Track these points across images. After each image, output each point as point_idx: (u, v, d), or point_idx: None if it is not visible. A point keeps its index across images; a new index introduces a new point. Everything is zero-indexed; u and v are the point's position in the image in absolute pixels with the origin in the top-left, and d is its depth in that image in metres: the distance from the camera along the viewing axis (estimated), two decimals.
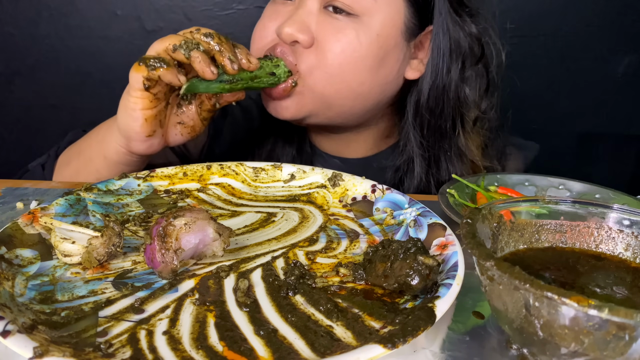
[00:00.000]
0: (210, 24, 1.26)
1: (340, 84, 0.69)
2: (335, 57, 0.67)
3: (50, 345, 0.30)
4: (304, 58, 0.67)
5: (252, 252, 0.47)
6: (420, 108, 0.74)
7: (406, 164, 0.77)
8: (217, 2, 1.25)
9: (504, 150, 0.84)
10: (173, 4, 1.24)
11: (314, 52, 0.67)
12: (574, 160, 1.38)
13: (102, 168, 0.66)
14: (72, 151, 0.72)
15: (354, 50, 0.67)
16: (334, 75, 0.68)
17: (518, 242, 0.42)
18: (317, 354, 0.33)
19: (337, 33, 0.66)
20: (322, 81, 0.68)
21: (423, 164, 0.76)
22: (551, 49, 1.27)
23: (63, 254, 0.43)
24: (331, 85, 0.68)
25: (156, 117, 0.60)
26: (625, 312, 0.27)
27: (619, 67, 1.29)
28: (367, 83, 0.70)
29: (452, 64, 0.72)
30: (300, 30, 0.66)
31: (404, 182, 0.78)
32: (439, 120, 0.74)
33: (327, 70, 0.67)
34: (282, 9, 0.70)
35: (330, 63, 0.67)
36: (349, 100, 0.71)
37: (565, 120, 1.33)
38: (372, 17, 0.67)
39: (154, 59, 0.55)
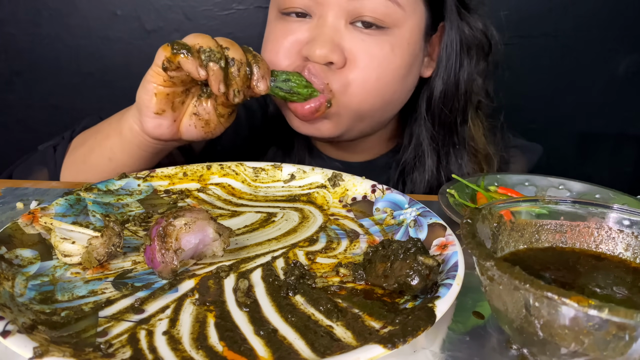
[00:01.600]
0: (210, 24, 1.26)
1: (376, 97, 0.67)
2: (372, 72, 0.65)
3: (50, 345, 0.30)
4: (336, 77, 0.65)
5: (252, 252, 0.47)
6: (433, 103, 0.74)
7: (416, 160, 0.77)
8: (217, 2, 1.25)
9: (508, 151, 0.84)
10: (173, 4, 1.24)
11: (348, 69, 0.65)
12: (574, 160, 1.38)
13: (115, 146, 0.65)
14: (89, 132, 0.71)
15: (389, 62, 0.66)
16: (370, 90, 0.66)
17: (518, 242, 0.42)
18: (317, 354, 0.33)
19: (370, 47, 0.65)
20: (358, 98, 0.66)
21: (434, 157, 0.76)
22: (551, 49, 1.27)
23: (63, 254, 0.43)
24: (367, 100, 0.67)
25: (167, 97, 0.59)
26: (625, 312, 0.27)
27: (619, 67, 1.29)
28: (398, 91, 0.70)
29: (463, 58, 0.72)
30: (333, 51, 0.63)
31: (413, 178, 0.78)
32: (451, 114, 0.74)
33: (364, 86, 0.66)
34: (296, 26, 0.67)
35: (367, 79, 0.65)
36: (381, 111, 0.71)
37: (565, 120, 1.33)
38: (401, 27, 0.66)
39: (181, 45, 0.56)
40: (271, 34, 0.70)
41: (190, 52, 0.55)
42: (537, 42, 1.26)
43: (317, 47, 0.63)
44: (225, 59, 0.56)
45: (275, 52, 0.67)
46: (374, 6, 0.63)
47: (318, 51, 0.63)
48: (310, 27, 0.66)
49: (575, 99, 1.31)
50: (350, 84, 0.65)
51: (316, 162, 0.81)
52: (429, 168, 0.76)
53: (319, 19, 0.65)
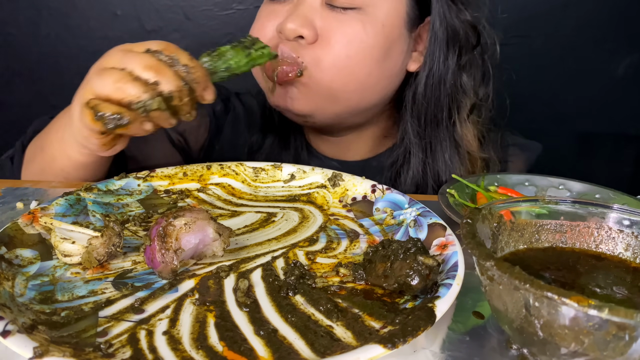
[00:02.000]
0: (210, 24, 1.26)
1: (348, 76, 0.68)
2: (342, 49, 0.66)
3: (50, 345, 0.30)
4: (308, 52, 0.66)
5: (252, 252, 0.47)
6: (418, 97, 0.74)
7: (402, 155, 0.77)
8: (217, 2, 1.25)
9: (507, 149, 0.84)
10: (173, 4, 1.24)
11: (319, 45, 0.66)
12: (574, 160, 1.38)
13: (67, 167, 0.62)
14: (36, 145, 0.68)
15: (360, 41, 0.66)
16: (342, 68, 0.67)
17: (518, 242, 0.42)
18: (317, 354, 0.33)
19: (343, 25, 0.66)
20: (329, 73, 0.67)
21: (419, 154, 0.76)
22: (551, 49, 1.27)
23: (63, 254, 0.43)
24: (339, 78, 0.67)
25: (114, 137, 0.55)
26: (625, 312, 0.27)
27: (619, 67, 1.29)
28: (374, 74, 0.70)
29: (448, 52, 0.72)
30: (303, 25, 0.65)
31: (400, 175, 0.77)
32: (436, 109, 0.74)
33: (334, 63, 0.66)
34: (279, 8, 0.69)
35: (337, 55, 0.66)
36: (356, 93, 0.71)
37: (565, 120, 1.33)
38: (376, 7, 0.67)
39: (112, 117, 0.49)
40: (258, 16, 0.73)
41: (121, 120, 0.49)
42: (537, 42, 1.26)
43: (289, 22, 0.65)
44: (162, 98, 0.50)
45: (257, 31, 0.70)
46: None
47: (289, 25, 0.65)
48: (290, 8, 0.68)
49: (575, 99, 1.31)
50: (321, 60, 0.66)
51: (313, 162, 0.81)
52: (414, 166, 0.76)
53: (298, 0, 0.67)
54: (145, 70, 0.50)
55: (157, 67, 0.50)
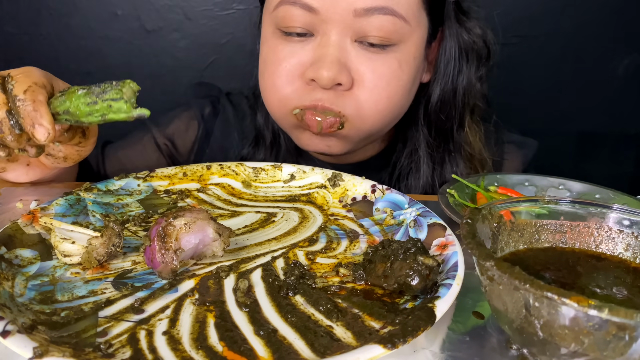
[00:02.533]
0: (210, 24, 1.26)
1: (388, 115, 0.66)
2: (383, 92, 0.63)
3: (50, 345, 0.30)
4: (347, 101, 0.63)
5: (252, 252, 0.47)
6: (430, 109, 0.73)
7: (411, 165, 0.76)
8: (217, 2, 1.25)
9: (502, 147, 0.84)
10: (173, 4, 1.24)
11: (358, 91, 0.63)
12: (574, 160, 1.38)
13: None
14: None
15: (398, 79, 0.64)
16: (382, 110, 0.65)
17: (518, 242, 0.42)
18: (317, 354, 0.33)
19: (379, 67, 0.62)
20: (371, 120, 0.65)
21: (430, 164, 0.75)
22: (551, 49, 1.27)
23: (63, 254, 0.43)
24: (379, 120, 0.66)
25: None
26: (625, 312, 0.27)
27: (619, 67, 1.29)
28: (405, 104, 0.69)
29: (463, 64, 0.71)
30: (341, 71, 0.60)
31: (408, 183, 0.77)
32: (448, 120, 0.73)
33: (377, 108, 0.64)
34: (298, 47, 0.63)
35: (378, 99, 0.63)
36: (390, 124, 0.70)
37: (565, 120, 1.33)
38: (408, 42, 0.64)
39: None
40: (271, 54, 0.65)
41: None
42: (537, 42, 1.26)
43: (325, 69, 0.60)
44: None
45: (278, 76, 0.64)
46: (381, 23, 0.60)
47: (325, 73, 0.60)
48: (314, 47, 0.62)
49: (575, 99, 1.31)
50: (362, 107, 0.63)
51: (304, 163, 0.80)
52: (424, 174, 0.75)
53: (322, 37, 0.61)
54: None
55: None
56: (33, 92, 0.45)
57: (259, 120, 0.79)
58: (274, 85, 0.65)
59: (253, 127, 0.81)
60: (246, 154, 0.81)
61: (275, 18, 0.64)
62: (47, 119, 0.45)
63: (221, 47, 1.26)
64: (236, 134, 0.82)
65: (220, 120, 0.82)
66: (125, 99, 0.46)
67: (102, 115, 0.47)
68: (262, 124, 0.79)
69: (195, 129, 0.82)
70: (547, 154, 1.08)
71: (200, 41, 1.25)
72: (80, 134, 0.53)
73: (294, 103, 0.64)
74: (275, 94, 0.66)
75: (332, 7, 0.58)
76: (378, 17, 0.59)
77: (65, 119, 0.47)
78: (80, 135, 0.53)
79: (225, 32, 1.26)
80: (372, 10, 0.58)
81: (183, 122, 0.82)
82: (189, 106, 0.84)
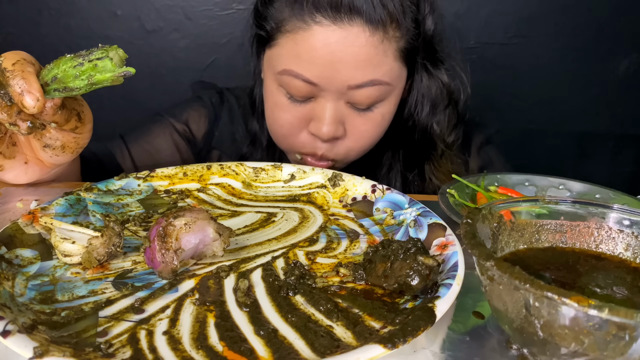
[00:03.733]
0: (210, 24, 1.26)
1: (370, 146, 0.78)
2: (369, 138, 0.75)
3: (50, 345, 0.30)
4: (339, 149, 0.75)
5: (252, 252, 0.47)
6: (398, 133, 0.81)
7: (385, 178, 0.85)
8: (217, 2, 1.25)
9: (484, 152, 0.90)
10: (173, 4, 1.24)
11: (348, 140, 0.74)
12: (574, 160, 1.38)
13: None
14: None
15: (381, 126, 0.75)
16: (367, 147, 0.77)
17: (518, 242, 0.42)
18: (317, 354, 0.33)
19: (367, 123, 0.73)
20: (357, 154, 0.77)
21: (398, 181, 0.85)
22: (551, 49, 1.27)
23: (63, 254, 0.43)
24: (364, 152, 0.78)
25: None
26: (625, 312, 0.27)
27: (619, 67, 1.29)
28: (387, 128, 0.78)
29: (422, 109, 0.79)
30: (337, 129, 0.72)
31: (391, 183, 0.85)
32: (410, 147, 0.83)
33: (363, 148, 0.77)
34: (301, 107, 0.72)
35: (364, 145, 0.76)
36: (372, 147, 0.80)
37: (565, 120, 1.33)
38: (390, 95, 0.73)
39: None
40: (277, 109, 0.74)
41: None
42: (537, 42, 1.26)
43: (325, 126, 0.71)
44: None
45: (286, 128, 0.75)
46: (369, 92, 0.69)
47: (325, 129, 0.71)
48: (314, 107, 0.72)
49: (575, 99, 1.31)
50: (350, 152, 0.76)
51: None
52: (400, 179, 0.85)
53: (321, 99, 0.71)
54: None
55: None
56: (22, 64, 0.46)
57: (255, 126, 0.87)
58: (281, 131, 0.76)
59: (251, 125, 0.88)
60: (245, 153, 0.88)
61: (280, 80, 0.72)
62: (35, 87, 0.46)
63: (221, 47, 1.26)
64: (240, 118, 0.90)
65: (226, 107, 0.91)
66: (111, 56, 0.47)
67: (89, 77, 0.47)
68: (258, 131, 0.86)
69: (206, 115, 0.90)
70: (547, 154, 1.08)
71: (200, 41, 1.26)
72: (76, 117, 0.54)
73: (298, 147, 0.76)
74: (282, 137, 0.77)
75: (329, 83, 0.68)
76: (367, 88, 0.69)
77: (54, 88, 0.47)
78: (76, 118, 0.54)
79: (225, 32, 1.26)
80: (363, 84, 0.68)
81: (196, 111, 0.90)
82: (199, 97, 0.92)
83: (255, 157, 0.86)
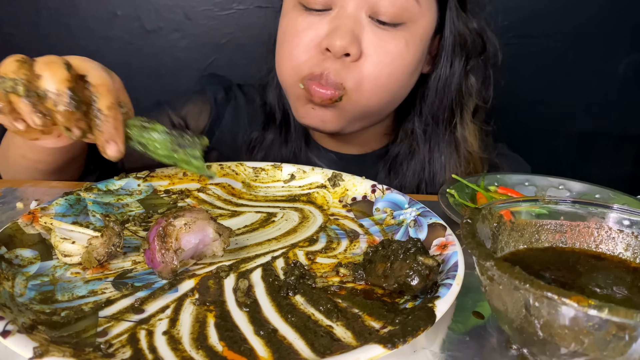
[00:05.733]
0: (210, 24, 1.26)
1: (384, 92, 0.68)
2: (385, 68, 0.66)
3: (50, 345, 0.30)
4: (350, 74, 0.66)
5: (252, 252, 0.47)
6: (427, 98, 0.75)
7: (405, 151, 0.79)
8: (217, 2, 1.25)
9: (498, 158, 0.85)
10: (173, 4, 1.24)
11: (363, 64, 0.66)
12: (574, 160, 1.38)
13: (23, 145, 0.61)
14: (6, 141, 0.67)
15: (402, 58, 0.67)
16: (381, 86, 0.67)
17: (518, 242, 0.42)
18: (317, 354, 0.33)
19: (387, 43, 0.65)
20: (367, 94, 0.67)
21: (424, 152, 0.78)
22: (551, 49, 1.27)
23: (63, 254, 0.43)
24: (376, 96, 0.68)
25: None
26: (625, 312, 0.27)
27: (619, 67, 1.29)
28: (405, 87, 0.71)
29: (455, 57, 0.73)
30: (352, 42, 0.64)
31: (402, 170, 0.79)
32: (439, 110, 0.76)
33: (376, 83, 0.67)
34: (316, 20, 0.66)
35: (379, 74, 0.66)
36: (386, 106, 0.72)
37: (565, 120, 1.33)
38: (417, 22, 0.67)
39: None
40: (290, 26, 0.69)
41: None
42: (537, 42, 1.26)
43: (338, 38, 0.63)
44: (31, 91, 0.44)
45: (295, 46, 0.67)
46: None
47: (338, 42, 0.63)
48: (331, 19, 0.66)
49: (575, 99, 1.31)
50: (363, 80, 0.66)
51: (312, 152, 0.82)
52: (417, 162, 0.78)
53: (339, 10, 0.65)
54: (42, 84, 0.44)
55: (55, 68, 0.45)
56: (116, 111, 0.47)
57: (270, 98, 0.81)
58: (290, 54, 0.68)
59: (262, 113, 0.83)
60: (255, 137, 0.83)
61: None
62: (121, 139, 0.48)
63: (221, 47, 1.26)
64: (246, 119, 0.85)
65: (231, 106, 0.86)
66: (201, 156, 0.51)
67: (176, 162, 0.50)
68: (274, 103, 0.81)
69: (208, 112, 0.85)
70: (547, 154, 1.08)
71: (200, 41, 1.25)
72: None
73: (306, 71, 0.67)
74: (290, 62, 0.69)
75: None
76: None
77: (136, 146, 0.50)
78: None
79: (225, 32, 1.26)
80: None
81: (196, 106, 0.85)
82: (203, 91, 0.87)
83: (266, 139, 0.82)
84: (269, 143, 0.82)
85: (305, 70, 0.67)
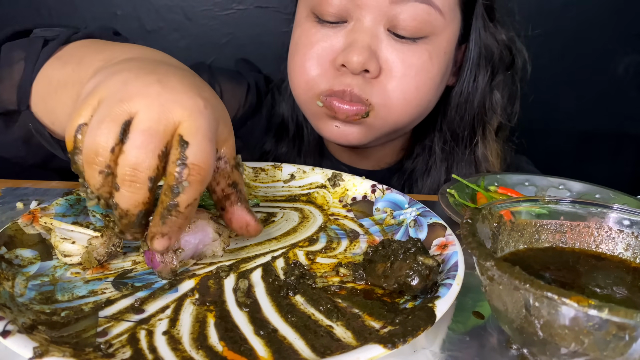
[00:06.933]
0: (210, 24, 1.26)
1: (415, 107, 0.65)
2: (411, 81, 0.62)
3: (50, 345, 0.30)
4: (375, 90, 0.62)
5: (252, 252, 0.47)
6: (448, 113, 0.72)
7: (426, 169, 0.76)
8: (217, 2, 1.25)
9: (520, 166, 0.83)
10: (173, 4, 1.24)
11: (386, 80, 0.62)
12: (574, 160, 1.38)
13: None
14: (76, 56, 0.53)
15: (427, 71, 0.63)
16: (411, 101, 0.64)
17: (518, 242, 0.42)
18: (317, 354, 0.33)
19: (409, 57, 0.62)
20: (397, 110, 0.64)
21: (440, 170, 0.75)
22: (551, 49, 1.27)
23: (63, 254, 0.43)
24: (406, 112, 0.65)
25: None
26: (625, 312, 0.27)
27: (619, 67, 1.29)
28: (432, 99, 0.68)
29: (479, 71, 0.70)
30: (370, 58, 0.60)
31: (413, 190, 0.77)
32: (459, 128, 0.73)
33: (405, 97, 0.63)
34: (331, 32, 0.63)
35: (406, 89, 0.63)
36: (415, 121, 0.69)
37: (565, 120, 1.33)
38: (440, 35, 0.63)
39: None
40: (303, 37, 0.65)
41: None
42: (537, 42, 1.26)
43: (355, 54, 0.60)
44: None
45: (308, 59, 0.64)
46: (416, 12, 0.60)
47: (355, 57, 0.59)
48: (346, 32, 0.62)
49: (575, 99, 1.31)
50: (390, 96, 0.63)
51: (325, 165, 0.79)
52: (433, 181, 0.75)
53: (355, 23, 0.62)
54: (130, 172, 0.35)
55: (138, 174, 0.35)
56: (192, 210, 0.37)
57: (284, 109, 0.78)
58: (303, 67, 0.65)
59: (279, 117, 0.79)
60: (268, 150, 0.79)
61: (311, 1, 0.64)
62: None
63: (221, 47, 1.26)
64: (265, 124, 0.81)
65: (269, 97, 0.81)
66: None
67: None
68: (287, 115, 0.78)
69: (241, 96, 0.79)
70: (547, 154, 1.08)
71: (200, 41, 1.25)
72: None
73: (321, 87, 0.64)
74: (303, 75, 0.65)
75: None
76: (414, 4, 0.59)
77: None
78: None
79: (225, 32, 1.26)
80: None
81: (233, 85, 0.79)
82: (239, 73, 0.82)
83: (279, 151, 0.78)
84: (282, 155, 0.79)
85: (321, 86, 0.64)
